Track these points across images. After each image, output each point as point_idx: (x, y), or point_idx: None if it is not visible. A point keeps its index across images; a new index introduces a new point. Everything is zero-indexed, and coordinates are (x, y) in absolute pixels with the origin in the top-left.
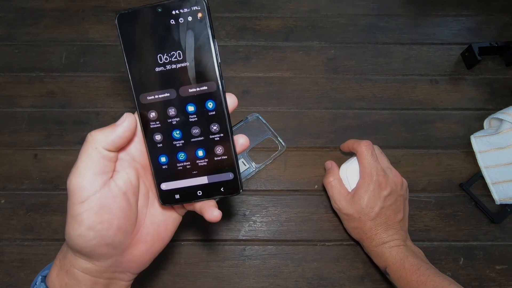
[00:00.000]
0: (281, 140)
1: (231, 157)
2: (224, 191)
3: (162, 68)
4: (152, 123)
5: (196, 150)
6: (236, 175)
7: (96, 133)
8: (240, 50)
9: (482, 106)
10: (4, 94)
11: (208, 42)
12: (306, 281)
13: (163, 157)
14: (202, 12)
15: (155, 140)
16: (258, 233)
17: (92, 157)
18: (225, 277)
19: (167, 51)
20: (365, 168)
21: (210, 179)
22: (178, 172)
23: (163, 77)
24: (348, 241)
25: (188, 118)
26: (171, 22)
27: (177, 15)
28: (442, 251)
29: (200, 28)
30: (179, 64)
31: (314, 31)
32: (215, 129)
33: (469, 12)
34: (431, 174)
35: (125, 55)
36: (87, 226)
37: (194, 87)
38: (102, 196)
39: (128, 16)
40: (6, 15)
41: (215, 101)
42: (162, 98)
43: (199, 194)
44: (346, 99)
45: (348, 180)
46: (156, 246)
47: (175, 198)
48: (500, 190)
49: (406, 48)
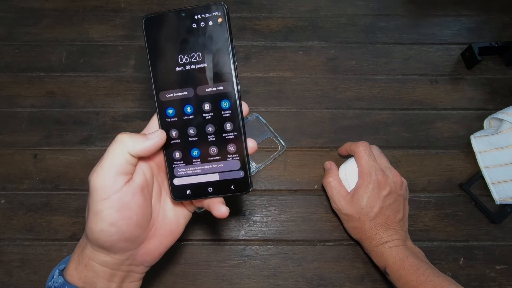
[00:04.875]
0: (281, 140)
1: (242, 156)
2: (235, 189)
3: (182, 68)
4: (169, 120)
5: (210, 147)
6: (247, 173)
7: (127, 137)
8: (240, 50)
9: (482, 106)
10: (4, 94)
11: (226, 45)
12: (306, 281)
13: (178, 152)
14: (222, 18)
15: (171, 135)
16: (258, 233)
17: (117, 158)
18: (225, 277)
19: (187, 52)
20: (364, 168)
21: (222, 176)
22: (191, 168)
23: (183, 77)
24: (348, 241)
25: (203, 116)
26: (193, 26)
27: (199, 19)
28: (442, 251)
29: (219, 32)
30: (198, 65)
31: (314, 31)
32: (229, 128)
33: (469, 12)
34: (431, 174)
35: (148, 55)
36: (109, 222)
37: (211, 87)
38: (123, 194)
39: (153, 20)
40: (6, 15)
41: (230, 101)
42: (180, 96)
43: (210, 191)
44: (346, 99)
45: (347, 181)
46: (168, 240)
47: (187, 194)
48: (500, 190)
49: (406, 48)
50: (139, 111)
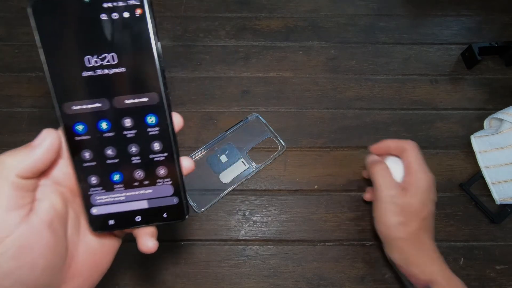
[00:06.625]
0: (281, 140)
1: (175, 180)
2: (168, 217)
3: (91, 73)
4: (79, 138)
5: (135, 171)
6: (181, 199)
7: (6, 158)
8: (240, 50)
9: (482, 106)
10: (4, 94)
11: (149, 44)
12: (306, 281)
13: (94, 177)
14: (141, 8)
15: (84, 158)
16: (258, 233)
17: (2, 190)
18: (225, 277)
19: (97, 52)
20: (420, 166)
21: (151, 203)
22: (112, 195)
23: (93, 84)
24: (348, 241)
25: (124, 134)
26: (102, 18)
27: (110, 9)
28: (442, 251)
29: (139, 27)
30: (112, 70)
31: (314, 31)
32: (157, 148)
33: (469, 12)
34: None
35: (44, 54)
36: (1, 274)
37: (132, 98)
38: (20, 234)
39: (46, 5)
40: (6, 15)
41: (158, 116)
42: (92, 109)
43: (138, 220)
44: (346, 99)
45: (394, 175)
46: (94, 276)
47: (109, 224)
48: (500, 190)
49: (406, 48)
50: None
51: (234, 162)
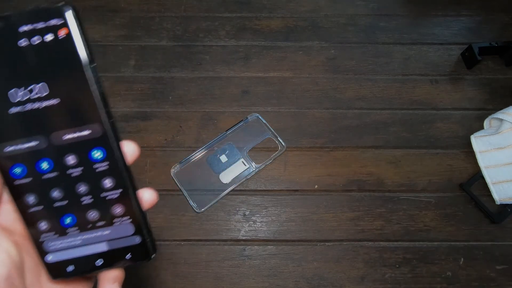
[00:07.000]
0: (281, 140)
1: (135, 217)
2: (132, 258)
3: (19, 109)
4: (20, 182)
5: (87, 211)
6: (145, 238)
7: None
8: (240, 50)
9: (482, 106)
10: None
11: (80, 69)
12: (306, 281)
13: (44, 222)
14: (65, 27)
15: (29, 203)
16: (258, 233)
17: None
18: (225, 277)
19: (22, 85)
20: None
21: (111, 245)
22: (67, 240)
23: (24, 121)
24: (348, 241)
25: (69, 173)
26: (21, 44)
27: (28, 33)
28: (442, 251)
29: (66, 50)
30: (44, 102)
31: (314, 31)
32: (108, 185)
33: (469, 12)
34: (431, 174)
35: None
36: None
37: (71, 132)
38: None
39: None
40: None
41: (104, 149)
42: (27, 148)
43: (100, 264)
44: (346, 99)
45: None
46: None
47: (69, 271)
48: (500, 190)
49: (406, 48)
50: (139, 111)
51: (234, 162)
